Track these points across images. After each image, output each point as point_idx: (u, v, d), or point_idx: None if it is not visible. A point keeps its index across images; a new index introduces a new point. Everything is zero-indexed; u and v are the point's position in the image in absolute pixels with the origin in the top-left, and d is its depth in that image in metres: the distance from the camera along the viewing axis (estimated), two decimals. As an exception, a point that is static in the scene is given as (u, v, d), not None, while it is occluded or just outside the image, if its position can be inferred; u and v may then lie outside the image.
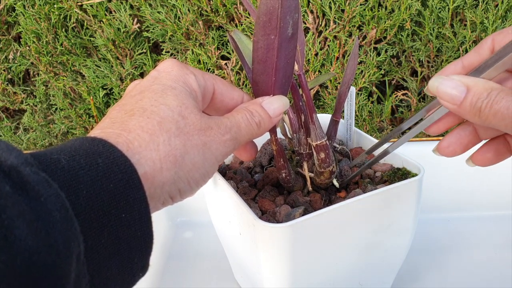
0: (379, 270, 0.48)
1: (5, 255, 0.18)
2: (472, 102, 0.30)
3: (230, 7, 0.76)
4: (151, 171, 0.27)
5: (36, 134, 0.91)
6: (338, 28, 0.76)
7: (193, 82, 0.33)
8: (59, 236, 0.20)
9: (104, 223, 0.24)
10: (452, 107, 0.32)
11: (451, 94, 0.31)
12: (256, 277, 0.44)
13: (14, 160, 0.21)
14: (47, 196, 0.21)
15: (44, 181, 0.21)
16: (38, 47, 0.82)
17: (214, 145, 0.31)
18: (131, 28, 0.79)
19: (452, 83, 0.31)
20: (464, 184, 0.67)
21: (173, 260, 0.63)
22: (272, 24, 0.33)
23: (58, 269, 0.20)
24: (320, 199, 0.44)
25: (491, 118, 0.30)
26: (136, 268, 0.26)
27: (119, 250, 0.25)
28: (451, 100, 0.31)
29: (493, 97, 0.29)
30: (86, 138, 0.26)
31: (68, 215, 0.22)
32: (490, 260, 0.59)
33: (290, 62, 0.36)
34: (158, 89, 0.31)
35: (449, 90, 0.31)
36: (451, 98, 0.31)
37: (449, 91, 0.31)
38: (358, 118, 0.83)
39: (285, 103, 0.37)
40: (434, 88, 0.32)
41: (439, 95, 0.32)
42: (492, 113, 0.29)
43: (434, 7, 0.74)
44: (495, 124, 0.30)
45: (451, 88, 0.31)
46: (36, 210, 0.20)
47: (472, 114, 0.31)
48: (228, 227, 0.47)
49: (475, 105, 0.30)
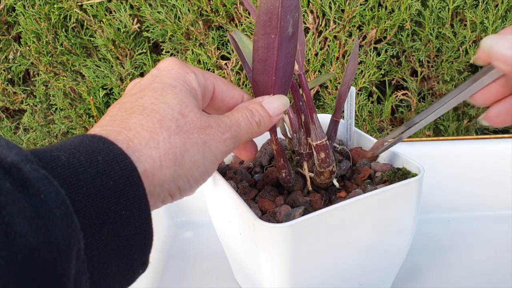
0: (379, 270, 0.48)
1: (6, 252, 0.18)
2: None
3: (230, 7, 0.76)
4: (151, 168, 0.27)
5: (36, 134, 0.91)
6: (338, 28, 0.76)
7: (193, 81, 0.33)
8: (59, 233, 0.21)
9: (104, 220, 0.24)
10: (507, 68, 0.29)
11: (506, 53, 0.29)
12: (256, 277, 0.44)
13: (15, 157, 0.21)
14: (47, 193, 0.21)
15: (44, 178, 0.22)
16: (38, 47, 0.82)
17: (214, 144, 0.31)
18: (131, 28, 0.79)
19: (507, 42, 0.29)
20: (464, 184, 0.67)
21: (173, 260, 0.63)
22: (272, 23, 0.33)
23: (58, 266, 0.20)
24: (320, 199, 0.44)
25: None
26: (136, 265, 0.26)
27: (119, 247, 0.25)
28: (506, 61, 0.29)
29: None
30: (86, 136, 0.26)
31: (68, 212, 0.22)
32: (490, 260, 0.59)
33: (290, 62, 0.36)
34: (158, 88, 0.31)
35: (504, 50, 0.29)
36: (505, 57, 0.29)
37: (504, 51, 0.29)
38: (358, 118, 0.83)
39: (285, 103, 0.37)
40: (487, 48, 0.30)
41: (493, 55, 0.30)
42: None
43: (434, 7, 0.74)
44: None
45: (506, 48, 0.29)
46: (37, 207, 0.20)
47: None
48: (228, 227, 0.47)
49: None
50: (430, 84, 0.82)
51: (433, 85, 0.80)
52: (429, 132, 0.83)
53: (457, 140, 0.69)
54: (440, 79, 0.79)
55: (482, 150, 0.67)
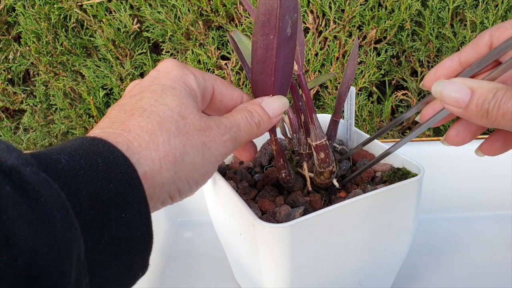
0: (379, 270, 0.48)
1: (6, 256, 0.18)
2: (478, 104, 0.29)
3: (230, 7, 0.76)
4: (151, 171, 0.27)
5: (36, 134, 0.91)
6: (338, 28, 0.76)
7: (192, 82, 0.33)
8: (59, 237, 0.21)
9: (104, 223, 0.24)
10: (457, 110, 0.31)
11: (455, 97, 0.30)
12: (256, 277, 0.44)
13: (15, 160, 0.21)
14: (47, 197, 0.21)
15: (44, 181, 0.22)
16: (38, 47, 0.82)
17: (214, 145, 0.31)
18: (131, 28, 0.79)
19: (455, 86, 0.31)
20: (464, 184, 0.67)
21: (173, 260, 0.63)
22: (271, 24, 0.33)
23: (59, 269, 0.20)
24: (320, 199, 0.44)
25: (500, 119, 0.29)
26: (136, 268, 0.26)
27: (119, 250, 0.25)
28: (456, 104, 0.31)
29: (500, 97, 0.29)
30: (85, 138, 0.26)
31: (68, 215, 0.22)
32: (490, 260, 0.59)
33: (289, 62, 0.36)
34: (158, 89, 0.31)
35: (453, 94, 0.30)
36: (455, 101, 0.30)
37: (453, 95, 0.30)
38: (358, 118, 0.83)
39: (284, 103, 0.37)
40: (437, 93, 0.32)
41: (443, 99, 0.31)
42: (500, 114, 0.29)
43: (434, 7, 0.74)
44: (504, 125, 0.29)
45: (455, 91, 0.30)
46: (37, 210, 0.20)
47: (479, 117, 0.30)
48: (228, 227, 0.47)
49: (481, 107, 0.29)
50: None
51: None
52: (429, 132, 0.83)
53: (457, 140, 0.69)
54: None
55: (482, 150, 0.67)
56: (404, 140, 0.40)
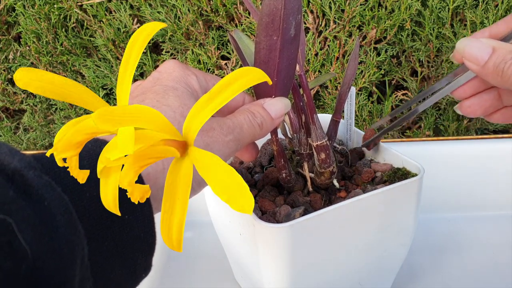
0: (379, 270, 0.48)
1: (10, 260, 0.18)
2: (496, 63, 0.31)
3: (230, 7, 0.76)
4: (154, 172, 0.27)
5: (36, 134, 0.91)
6: (338, 28, 0.76)
7: (194, 83, 0.33)
8: (63, 241, 0.20)
9: (108, 225, 0.24)
10: (475, 68, 0.32)
11: (477, 55, 0.31)
12: (256, 277, 0.44)
13: (18, 163, 0.21)
14: (50, 200, 0.21)
15: (47, 184, 0.21)
16: (38, 47, 0.82)
17: (217, 146, 0.31)
18: (131, 28, 0.79)
19: (478, 43, 0.32)
20: (464, 184, 0.67)
21: (173, 260, 0.63)
22: (275, 25, 0.33)
23: (62, 273, 0.20)
24: (320, 199, 0.44)
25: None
26: (139, 269, 0.26)
27: (122, 252, 0.25)
28: (475, 61, 0.32)
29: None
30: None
31: (72, 218, 0.22)
32: (490, 260, 0.59)
33: (292, 64, 0.36)
34: (160, 90, 0.31)
35: (475, 51, 0.32)
36: (475, 58, 0.32)
37: (475, 52, 0.32)
38: (358, 118, 0.83)
39: (286, 105, 0.37)
40: (461, 49, 0.33)
41: (465, 55, 0.32)
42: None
43: (434, 7, 0.74)
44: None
45: (477, 49, 0.31)
46: (40, 214, 0.20)
47: (494, 75, 0.31)
48: (228, 227, 0.47)
49: (498, 66, 0.30)
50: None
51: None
52: (429, 132, 0.83)
53: (457, 140, 0.69)
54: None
55: (482, 150, 0.67)
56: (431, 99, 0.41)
